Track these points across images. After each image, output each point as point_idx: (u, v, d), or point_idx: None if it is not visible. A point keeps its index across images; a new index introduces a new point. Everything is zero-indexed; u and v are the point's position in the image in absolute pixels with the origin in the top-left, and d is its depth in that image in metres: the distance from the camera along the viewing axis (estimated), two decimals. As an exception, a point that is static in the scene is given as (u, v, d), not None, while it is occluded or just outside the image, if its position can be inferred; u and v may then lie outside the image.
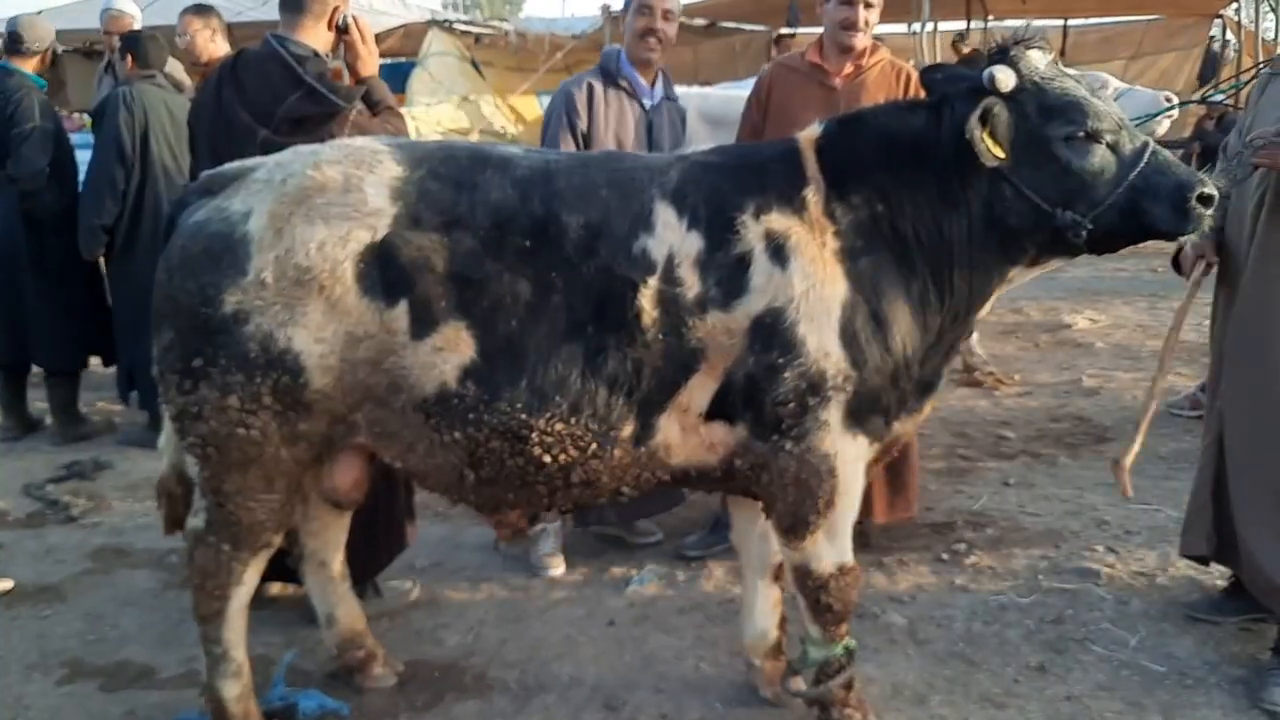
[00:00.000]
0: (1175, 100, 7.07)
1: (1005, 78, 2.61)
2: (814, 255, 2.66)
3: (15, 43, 5.79)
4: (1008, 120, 2.63)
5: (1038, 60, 2.69)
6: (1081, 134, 2.63)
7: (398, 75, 16.76)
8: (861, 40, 3.94)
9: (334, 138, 3.22)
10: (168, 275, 2.70)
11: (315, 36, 3.51)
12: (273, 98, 3.41)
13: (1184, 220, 2.63)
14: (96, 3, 6.85)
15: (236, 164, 2.83)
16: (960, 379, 6.60)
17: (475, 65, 16.16)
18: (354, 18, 3.59)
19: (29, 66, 5.80)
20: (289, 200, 2.62)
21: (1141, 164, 2.62)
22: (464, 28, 16.95)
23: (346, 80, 3.64)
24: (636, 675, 3.41)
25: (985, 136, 2.60)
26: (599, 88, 4.10)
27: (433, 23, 16.28)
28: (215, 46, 5.44)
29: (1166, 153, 2.73)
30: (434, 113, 14.36)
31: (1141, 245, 2.95)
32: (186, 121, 3.75)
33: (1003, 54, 2.70)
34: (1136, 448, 3.37)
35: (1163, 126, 6.70)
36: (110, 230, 5.52)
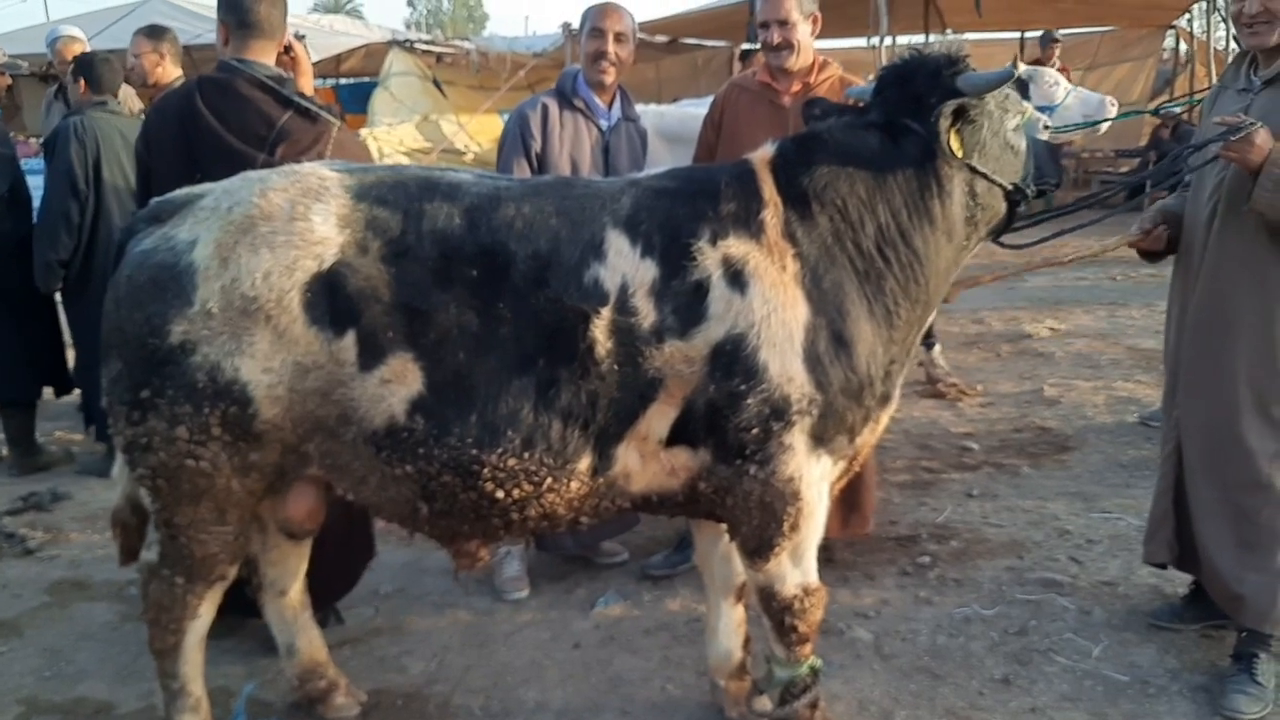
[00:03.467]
0: (1115, 105, 7.49)
1: (1006, 82, 2.75)
2: (774, 280, 2.63)
3: None
4: (982, 123, 2.77)
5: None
6: (1021, 120, 2.88)
7: (359, 95, 16.74)
8: (793, 60, 3.91)
9: (321, 156, 3.20)
10: (115, 305, 2.66)
11: (270, 58, 3.48)
12: (262, 122, 3.35)
13: (1059, 168, 3.06)
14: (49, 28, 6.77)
15: (184, 190, 2.78)
16: (923, 390, 6.64)
17: (437, 84, 16.18)
18: (292, 39, 3.58)
19: None
20: (235, 229, 2.58)
21: (1033, 131, 2.94)
22: (425, 47, 16.97)
23: None
24: (603, 698, 3.39)
25: (951, 132, 2.70)
26: (554, 109, 4.06)
27: (394, 43, 16.31)
28: (164, 71, 5.39)
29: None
30: (396, 132, 14.36)
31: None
32: (135, 148, 3.65)
33: (955, 63, 2.76)
34: None
35: (1102, 129, 7.33)
36: (66, 264, 5.44)
